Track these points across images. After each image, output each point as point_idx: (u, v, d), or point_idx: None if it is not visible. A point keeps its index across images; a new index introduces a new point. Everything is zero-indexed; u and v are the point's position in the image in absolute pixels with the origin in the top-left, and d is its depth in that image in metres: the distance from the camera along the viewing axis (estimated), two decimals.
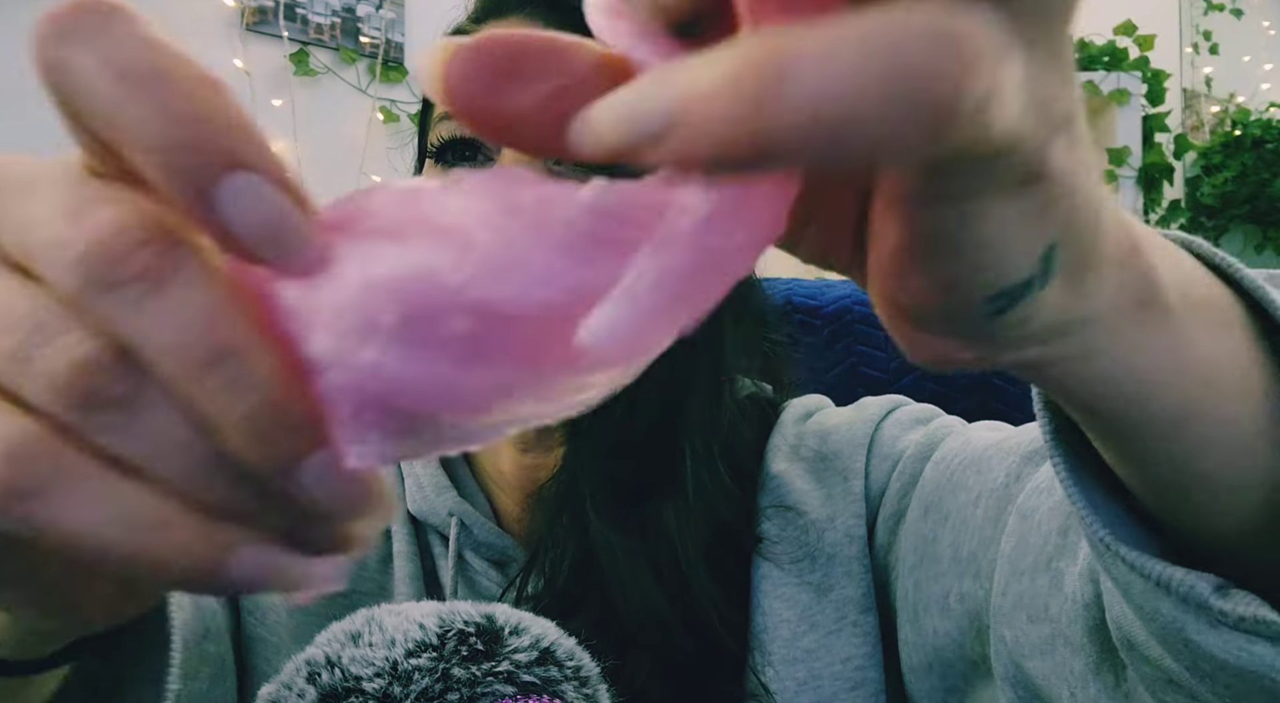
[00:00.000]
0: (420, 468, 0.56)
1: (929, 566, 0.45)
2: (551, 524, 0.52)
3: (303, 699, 0.32)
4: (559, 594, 0.50)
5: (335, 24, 1.99)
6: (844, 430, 0.55)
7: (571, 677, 0.35)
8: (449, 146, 0.51)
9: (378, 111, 2.03)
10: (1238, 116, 2.48)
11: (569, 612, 0.49)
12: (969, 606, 0.41)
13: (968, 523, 0.42)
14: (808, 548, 0.52)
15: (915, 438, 0.51)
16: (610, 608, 0.49)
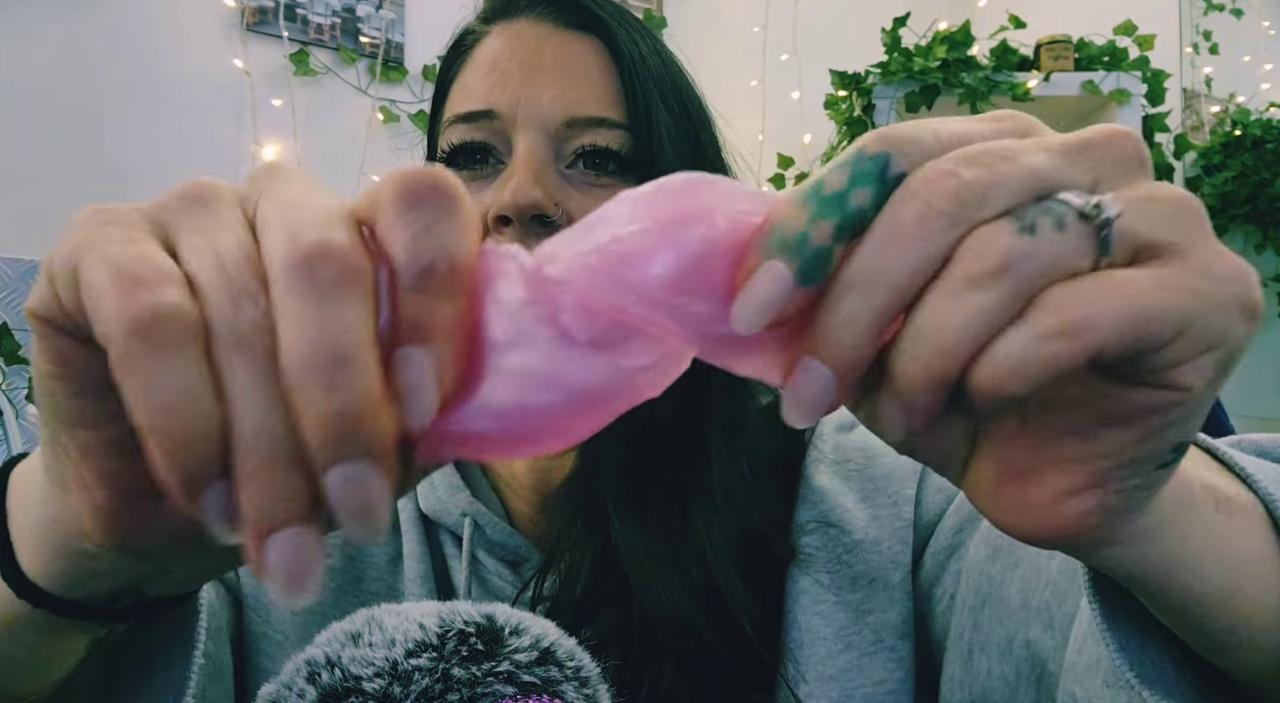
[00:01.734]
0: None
1: (994, 607, 0.44)
2: (568, 526, 0.52)
3: (303, 699, 0.32)
4: (578, 598, 0.50)
5: (335, 24, 1.99)
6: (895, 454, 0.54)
7: (571, 677, 0.35)
8: (459, 151, 0.52)
9: (378, 111, 2.03)
10: (1238, 116, 2.48)
11: (588, 615, 0.49)
12: (1034, 653, 0.41)
13: (1040, 573, 0.41)
14: (850, 568, 0.51)
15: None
16: (631, 613, 0.48)
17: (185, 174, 0.92)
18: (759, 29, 2.47)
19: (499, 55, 0.53)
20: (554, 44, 0.52)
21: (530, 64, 0.51)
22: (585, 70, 0.52)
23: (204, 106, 1.85)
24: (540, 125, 0.50)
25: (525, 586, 0.53)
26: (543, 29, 0.53)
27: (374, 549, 0.56)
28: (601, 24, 0.53)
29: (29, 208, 1.66)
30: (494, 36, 0.55)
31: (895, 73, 2.04)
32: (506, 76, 0.51)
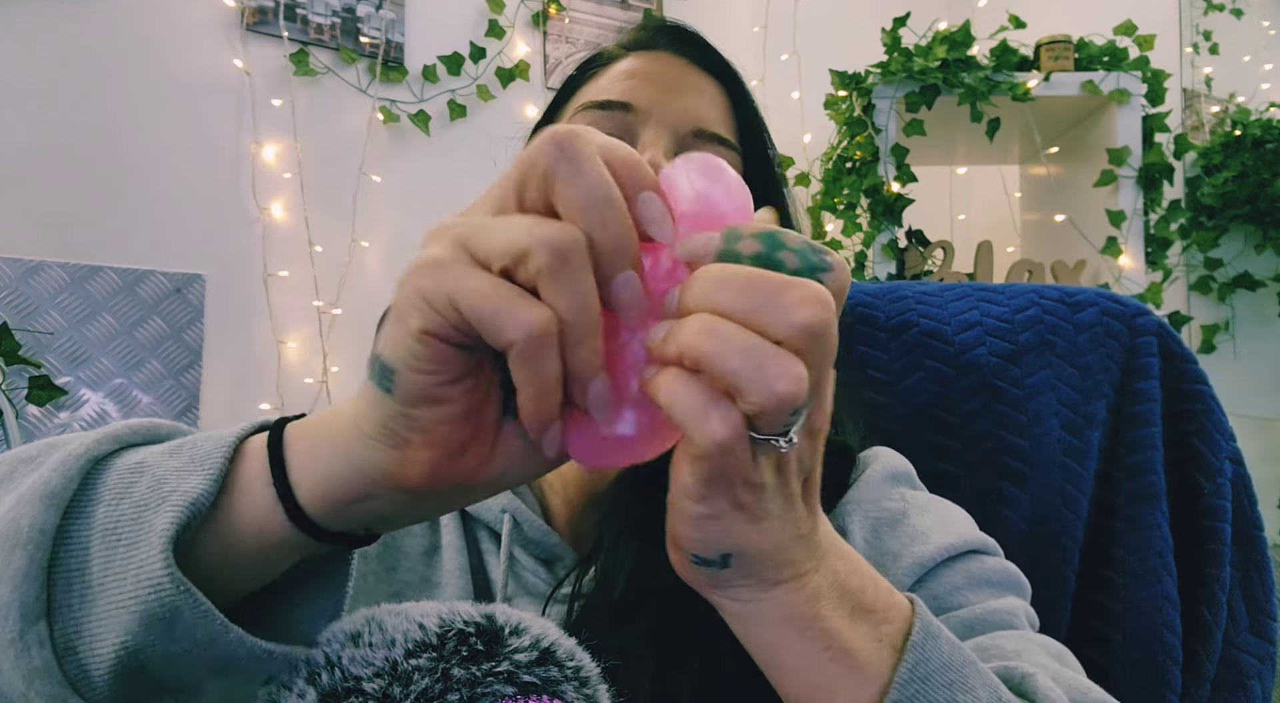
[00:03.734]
0: None
1: None
2: (609, 527, 0.53)
3: (303, 700, 0.32)
4: (615, 601, 0.51)
5: (335, 24, 1.99)
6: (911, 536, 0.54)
7: (571, 677, 0.34)
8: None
9: (378, 111, 2.02)
10: (1238, 116, 2.48)
11: (623, 619, 0.50)
12: None
13: None
14: None
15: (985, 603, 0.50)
16: (666, 620, 0.49)
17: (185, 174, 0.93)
18: (759, 29, 2.47)
19: (639, 69, 0.60)
20: (689, 73, 0.61)
21: (669, 80, 0.59)
22: (713, 99, 0.60)
23: (204, 106, 1.85)
24: (671, 126, 0.57)
25: (560, 582, 0.54)
26: (679, 61, 0.61)
27: (409, 540, 0.58)
28: (728, 72, 0.62)
29: (29, 208, 1.66)
30: (633, 58, 0.62)
31: (895, 73, 2.04)
32: (645, 83, 0.58)
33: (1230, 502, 0.74)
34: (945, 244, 2.11)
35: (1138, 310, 0.79)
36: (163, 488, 0.32)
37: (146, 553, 0.30)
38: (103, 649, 0.31)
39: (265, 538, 0.33)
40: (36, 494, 0.31)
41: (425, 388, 0.29)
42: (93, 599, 0.31)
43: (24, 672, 0.30)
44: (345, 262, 1.98)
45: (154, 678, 0.32)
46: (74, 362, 1.63)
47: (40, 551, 0.31)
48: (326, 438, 0.32)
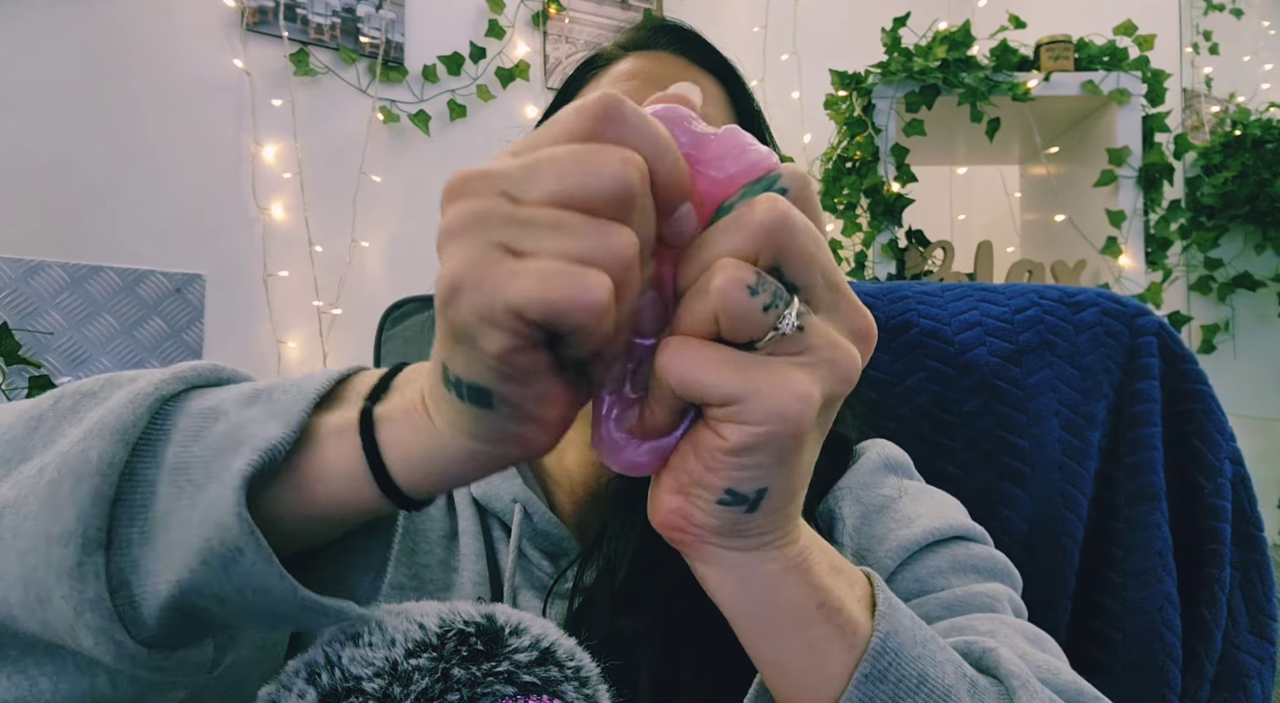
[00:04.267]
0: None
1: None
2: (613, 516, 0.54)
3: (303, 700, 0.32)
4: (618, 590, 0.51)
5: (335, 24, 1.99)
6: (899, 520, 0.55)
7: (572, 677, 0.34)
8: None
9: (378, 111, 2.02)
10: (1238, 116, 2.48)
11: (625, 608, 0.50)
12: None
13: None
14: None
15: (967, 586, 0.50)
16: (668, 608, 0.50)
17: (185, 174, 0.94)
18: (759, 29, 2.47)
19: (639, 70, 0.60)
20: (689, 73, 0.61)
21: (669, 79, 0.59)
22: (714, 98, 0.60)
23: (204, 106, 1.85)
24: None
25: (562, 574, 0.55)
26: (679, 60, 0.62)
27: (429, 524, 0.58)
28: (727, 69, 0.63)
29: (29, 208, 1.66)
30: (632, 58, 0.62)
31: (895, 73, 2.04)
32: (646, 84, 0.58)
33: (1230, 502, 0.74)
34: (945, 244, 2.11)
35: (1138, 310, 0.79)
36: (239, 433, 0.32)
37: (218, 492, 0.30)
38: (157, 586, 0.31)
39: (349, 507, 0.33)
40: (107, 428, 0.32)
41: (526, 393, 0.29)
42: (154, 536, 0.31)
43: (75, 602, 0.30)
44: (345, 262, 1.98)
45: (201, 621, 0.33)
46: (74, 362, 1.63)
47: (107, 483, 0.31)
48: (431, 442, 0.31)
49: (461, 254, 0.26)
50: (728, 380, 0.28)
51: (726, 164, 0.30)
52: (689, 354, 0.28)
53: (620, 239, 0.26)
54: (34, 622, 0.32)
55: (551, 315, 0.25)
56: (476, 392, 0.28)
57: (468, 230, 0.27)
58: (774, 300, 0.28)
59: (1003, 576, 0.53)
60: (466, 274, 0.26)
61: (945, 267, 2.09)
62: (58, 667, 0.33)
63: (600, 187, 0.26)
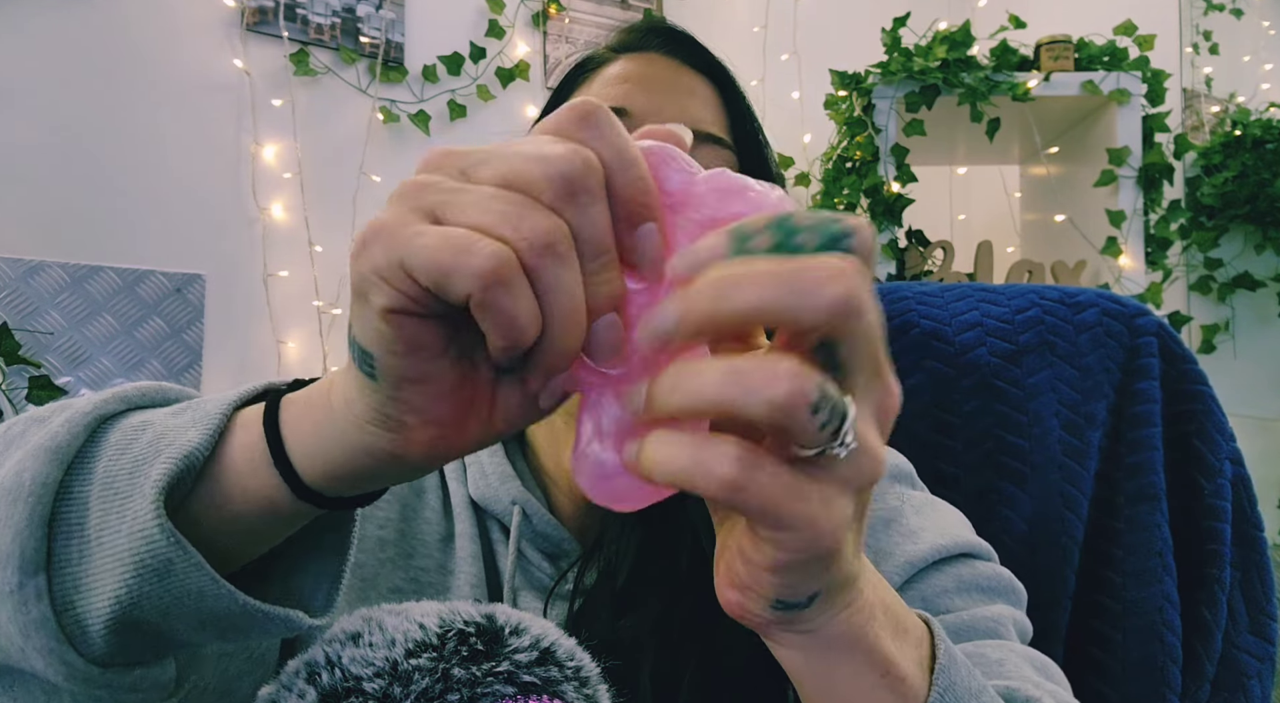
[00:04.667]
0: (486, 458, 0.59)
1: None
2: (613, 519, 0.54)
3: (303, 700, 0.32)
4: (618, 591, 0.51)
5: (335, 24, 1.99)
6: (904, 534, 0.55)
7: (571, 677, 0.34)
8: None
9: (378, 111, 2.02)
10: (1238, 116, 2.48)
11: (626, 610, 0.51)
12: None
13: None
14: None
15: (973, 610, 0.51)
16: (668, 610, 0.50)
17: (185, 174, 0.94)
18: (759, 29, 2.47)
19: (631, 72, 0.60)
20: (681, 74, 0.60)
21: (660, 82, 0.59)
22: (705, 99, 0.60)
23: (204, 106, 1.85)
24: None
25: (563, 575, 0.55)
26: (670, 62, 0.61)
27: (425, 527, 0.58)
28: (719, 69, 0.62)
29: (29, 208, 1.66)
30: (624, 61, 0.61)
31: (895, 73, 2.04)
32: (638, 86, 0.58)
33: (1230, 502, 0.74)
34: (945, 244, 2.11)
35: (1138, 311, 0.79)
36: (161, 443, 0.32)
37: (140, 504, 0.30)
38: (99, 603, 0.31)
39: (264, 505, 0.33)
40: (42, 449, 0.32)
41: (409, 368, 0.28)
42: (90, 553, 0.31)
43: (20, 624, 0.31)
44: (345, 262, 1.98)
45: (151, 635, 0.33)
46: (74, 362, 1.63)
47: (41, 503, 0.31)
48: (324, 419, 0.31)
49: (389, 213, 0.27)
50: (788, 511, 0.25)
51: (707, 207, 0.29)
52: (757, 478, 0.25)
53: (536, 219, 0.26)
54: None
55: (437, 276, 0.25)
56: (363, 354, 0.28)
57: (408, 195, 0.27)
58: (830, 418, 0.24)
59: (1007, 593, 0.53)
60: (380, 230, 0.26)
61: (945, 267, 2.09)
62: (25, 690, 0.33)
63: (541, 171, 0.26)
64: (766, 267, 0.24)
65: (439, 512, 0.59)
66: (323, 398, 0.32)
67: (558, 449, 0.59)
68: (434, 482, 0.61)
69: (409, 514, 0.59)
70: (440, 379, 0.29)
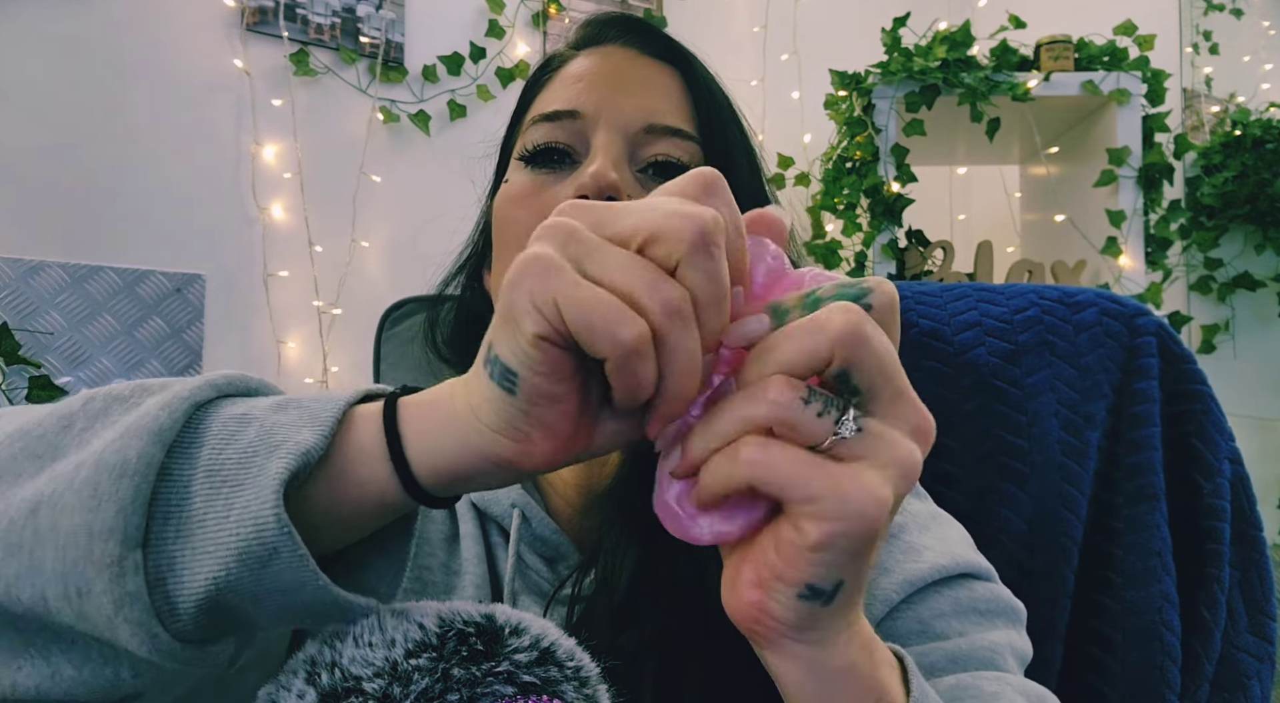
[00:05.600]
0: None
1: None
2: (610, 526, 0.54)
3: (302, 700, 0.32)
4: (616, 605, 0.51)
5: (335, 24, 1.99)
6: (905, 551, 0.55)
7: (571, 677, 0.35)
8: (541, 153, 0.57)
9: (378, 111, 2.03)
10: (1238, 116, 2.48)
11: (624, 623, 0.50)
12: None
13: None
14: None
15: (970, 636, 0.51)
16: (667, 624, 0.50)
17: (185, 174, 0.94)
18: (759, 29, 2.47)
19: (586, 70, 0.59)
20: (638, 65, 0.59)
21: (616, 77, 0.58)
22: (665, 89, 0.58)
23: (204, 106, 1.85)
24: (621, 127, 0.56)
25: (562, 584, 0.55)
26: (629, 53, 0.60)
27: (431, 527, 0.59)
28: (680, 56, 0.60)
29: (29, 208, 1.66)
30: (583, 57, 0.61)
31: (895, 73, 2.04)
32: (593, 85, 0.57)
33: (1229, 502, 0.74)
34: (945, 244, 2.11)
35: (1137, 311, 0.79)
36: (273, 438, 0.34)
37: (255, 494, 0.32)
38: (194, 583, 0.32)
39: (374, 500, 0.35)
40: (144, 430, 0.33)
41: (546, 388, 0.31)
42: (189, 535, 0.32)
43: (115, 596, 0.32)
44: (345, 262, 1.98)
45: (233, 618, 0.34)
46: (74, 362, 1.63)
47: (146, 482, 0.32)
48: (446, 422, 0.34)
49: (543, 251, 0.30)
50: (811, 480, 0.30)
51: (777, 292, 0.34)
52: (773, 453, 0.30)
53: (669, 289, 0.30)
54: (70, 614, 0.33)
55: (584, 332, 0.29)
56: (506, 372, 0.31)
57: (556, 236, 0.31)
58: (826, 408, 0.30)
59: (1006, 614, 0.53)
60: (537, 267, 0.30)
61: (945, 267, 2.09)
62: (84, 655, 0.34)
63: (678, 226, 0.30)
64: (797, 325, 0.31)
65: (444, 512, 0.60)
66: (446, 402, 0.34)
67: None
68: None
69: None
70: (569, 399, 0.32)
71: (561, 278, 0.29)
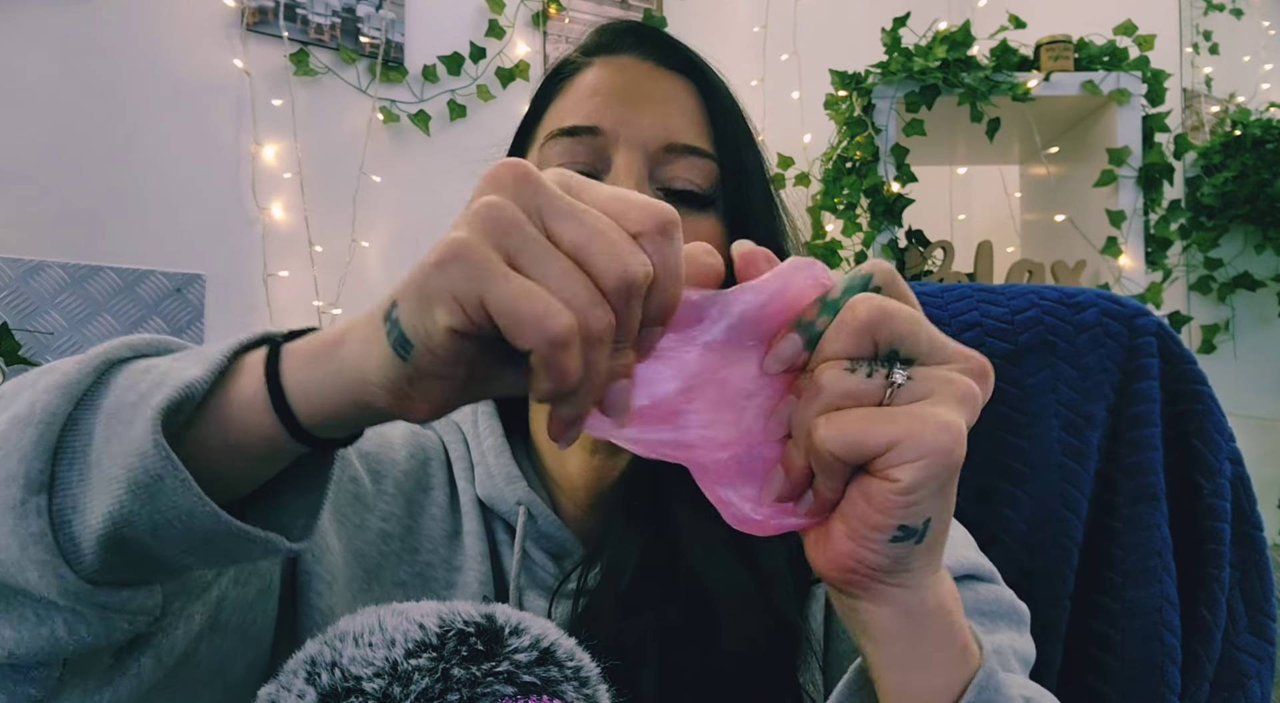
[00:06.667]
0: (492, 459, 0.60)
1: None
2: (616, 520, 0.55)
3: (302, 700, 0.32)
4: (621, 594, 0.52)
5: (335, 24, 1.99)
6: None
7: (571, 677, 0.35)
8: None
9: (378, 111, 2.03)
10: (1238, 116, 2.48)
11: (629, 611, 0.51)
12: None
13: None
14: None
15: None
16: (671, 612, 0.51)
17: (185, 174, 0.94)
18: (759, 29, 2.47)
19: (603, 82, 0.58)
20: (655, 78, 0.59)
21: (634, 92, 0.57)
22: (681, 105, 0.58)
23: (204, 106, 1.85)
24: (640, 145, 0.56)
25: (566, 577, 0.56)
26: (645, 65, 0.59)
27: (431, 523, 0.59)
28: (696, 68, 0.60)
29: (29, 208, 1.66)
30: (597, 67, 0.60)
31: (895, 73, 2.04)
32: (610, 100, 0.57)
33: (1229, 502, 0.74)
34: (945, 244, 2.11)
35: (1137, 311, 0.79)
36: (165, 380, 0.35)
37: (140, 428, 0.33)
38: (92, 519, 0.33)
39: (264, 444, 0.36)
40: (54, 385, 0.35)
41: (440, 370, 0.31)
42: (89, 477, 0.34)
43: (20, 537, 0.33)
44: (345, 262, 1.98)
45: (140, 555, 0.35)
46: None
47: (50, 430, 0.34)
48: (329, 372, 0.34)
49: (471, 238, 0.29)
50: (884, 430, 0.32)
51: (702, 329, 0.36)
52: (843, 420, 0.33)
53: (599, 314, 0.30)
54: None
55: (511, 324, 0.29)
56: (403, 341, 0.31)
57: (488, 225, 0.30)
58: (872, 368, 0.33)
59: (1009, 615, 0.54)
60: (464, 256, 0.29)
61: (945, 267, 2.09)
62: (19, 613, 0.35)
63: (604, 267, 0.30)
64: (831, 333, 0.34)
65: (445, 508, 0.60)
66: (329, 349, 0.34)
67: (561, 454, 0.60)
68: (441, 479, 0.61)
69: (414, 510, 0.59)
70: (458, 377, 0.32)
71: (490, 272, 0.29)
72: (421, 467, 0.61)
